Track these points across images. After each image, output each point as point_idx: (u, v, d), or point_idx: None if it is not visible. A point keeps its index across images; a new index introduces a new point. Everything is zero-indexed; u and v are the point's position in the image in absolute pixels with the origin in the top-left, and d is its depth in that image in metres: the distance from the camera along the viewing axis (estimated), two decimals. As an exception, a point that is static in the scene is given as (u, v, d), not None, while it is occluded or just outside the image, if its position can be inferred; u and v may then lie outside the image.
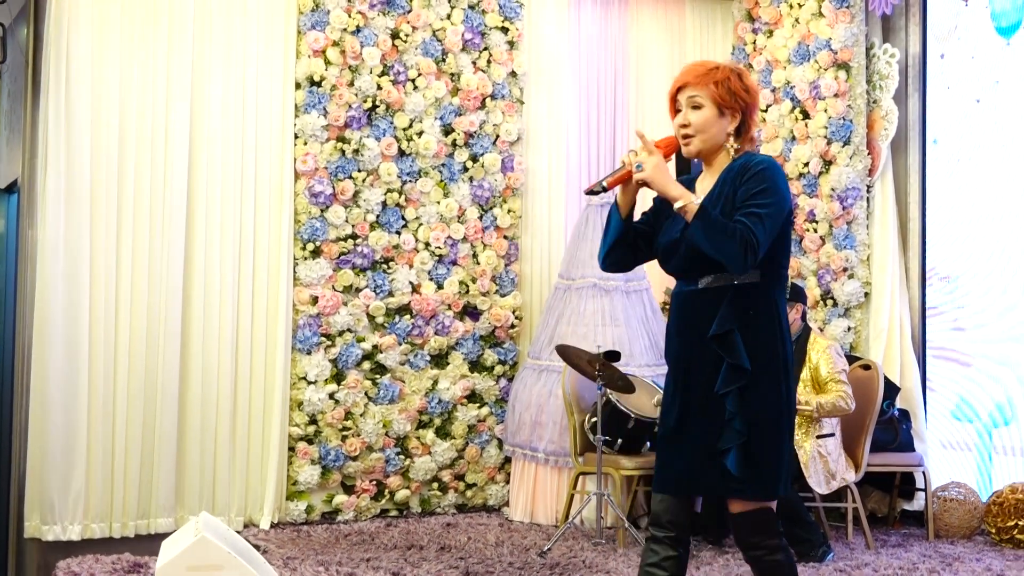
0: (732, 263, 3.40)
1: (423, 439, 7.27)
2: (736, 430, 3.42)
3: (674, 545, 3.56)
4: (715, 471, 3.46)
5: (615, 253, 3.72)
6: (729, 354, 3.45)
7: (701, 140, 3.57)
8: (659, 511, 3.59)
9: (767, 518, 3.51)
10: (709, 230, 3.39)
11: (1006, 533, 6.48)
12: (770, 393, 3.48)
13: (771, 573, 3.53)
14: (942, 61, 7.52)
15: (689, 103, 3.58)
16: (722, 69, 3.59)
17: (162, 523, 6.45)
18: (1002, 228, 7.04)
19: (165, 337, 6.48)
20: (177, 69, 6.59)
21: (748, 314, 3.48)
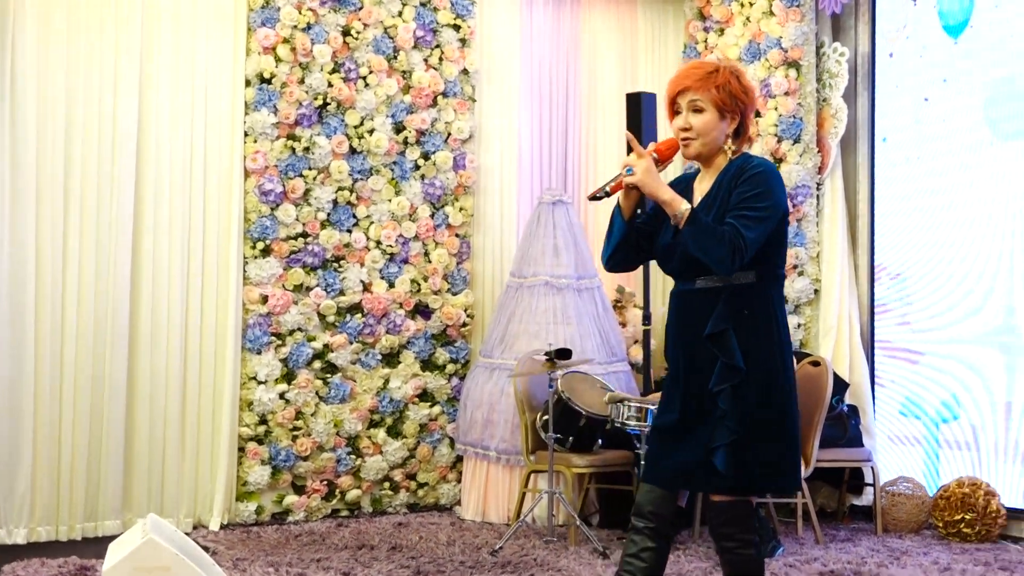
0: (719, 266, 3.46)
1: (374, 438, 7.24)
2: (728, 428, 3.47)
3: (654, 536, 3.61)
4: (706, 468, 3.51)
5: (619, 254, 3.78)
6: (723, 353, 3.51)
7: (701, 143, 3.62)
8: (642, 501, 3.64)
9: (746, 512, 3.56)
10: (698, 235, 3.45)
11: (953, 527, 6.55)
12: (765, 392, 3.52)
13: (740, 567, 3.57)
14: (891, 60, 7.58)
15: (690, 106, 3.61)
16: (722, 72, 3.63)
17: (110, 525, 6.39)
18: (950, 225, 7.10)
19: (112, 337, 6.41)
20: (125, 66, 6.52)
21: (743, 314, 3.54)
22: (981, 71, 6.96)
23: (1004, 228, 6.78)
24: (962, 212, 7.03)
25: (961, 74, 7.09)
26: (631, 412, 6.03)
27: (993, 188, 6.85)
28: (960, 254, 7.03)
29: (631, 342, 7.76)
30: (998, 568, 5.82)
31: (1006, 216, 6.77)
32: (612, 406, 6.14)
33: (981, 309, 6.87)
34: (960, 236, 7.04)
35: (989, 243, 6.86)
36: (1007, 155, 6.79)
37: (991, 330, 6.82)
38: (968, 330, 6.95)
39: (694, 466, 3.54)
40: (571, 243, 7.29)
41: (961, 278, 7.01)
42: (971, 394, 6.91)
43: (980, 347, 6.87)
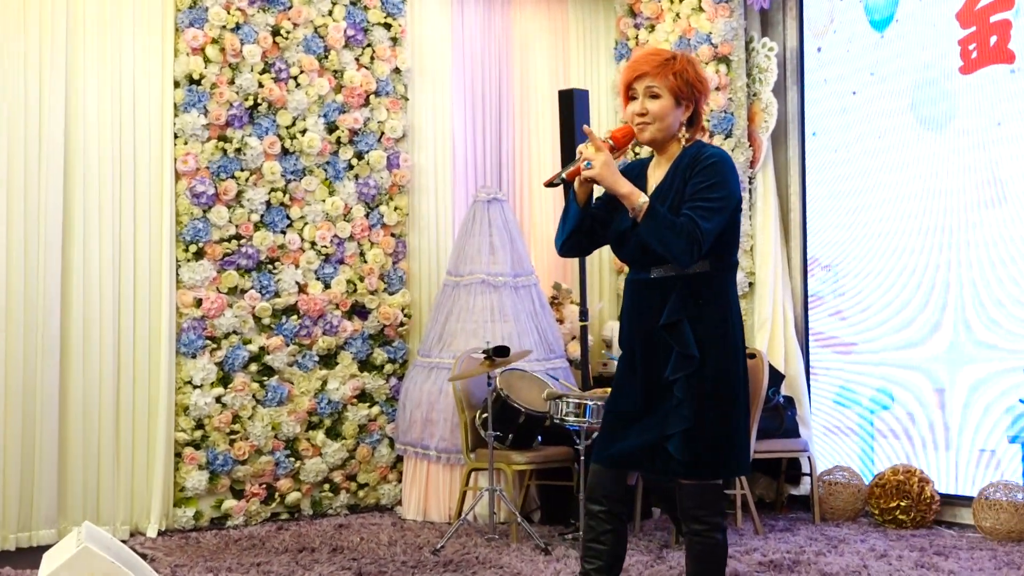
0: (678, 258, 3.49)
1: (313, 440, 7.19)
2: (683, 415, 3.52)
3: (610, 519, 3.68)
4: (662, 452, 3.56)
5: (573, 240, 3.78)
6: (678, 343, 3.55)
7: (657, 128, 3.64)
8: (593, 485, 3.70)
9: (716, 495, 3.63)
10: (657, 228, 3.47)
11: (888, 514, 6.65)
12: (719, 379, 3.58)
13: (706, 554, 3.63)
14: (819, 54, 7.68)
15: (647, 92, 3.63)
16: (679, 59, 3.65)
17: (44, 535, 6.28)
18: (879, 217, 7.21)
19: (43, 344, 6.30)
20: (49, 69, 6.40)
21: (698, 303, 3.58)
22: (907, 65, 7.06)
23: (932, 219, 6.89)
24: (891, 204, 7.14)
25: (888, 68, 7.19)
26: (570, 408, 6.03)
27: (921, 180, 6.96)
28: (890, 245, 7.13)
29: (569, 338, 7.78)
30: (933, 553, 5.91)
31: (934, 207, 6.88)
32: (551, 402, 6.15)
33: (912, 298, 6.98)
34: (890, 227, 7.14)
35: (918, 234, 6.97)
36: (935, 148, 6.90)
37: (922, 319, 6.92)
38: (899, 319, 7.05)
39: (648, 451, 3.59)
40: (507, 241, 7.29)
41: (891, 268, 7.12)
42: (903, 383, 7.02)
43: (912, 336, 6.98)
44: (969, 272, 6.68)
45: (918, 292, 6.94)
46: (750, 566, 5.63)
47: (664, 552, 5.96)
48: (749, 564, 5.67)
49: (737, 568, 5.55)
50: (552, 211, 8.20)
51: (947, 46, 6.83)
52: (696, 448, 3.54)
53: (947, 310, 6.78)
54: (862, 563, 5.66)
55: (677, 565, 5.61)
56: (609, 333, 8.02)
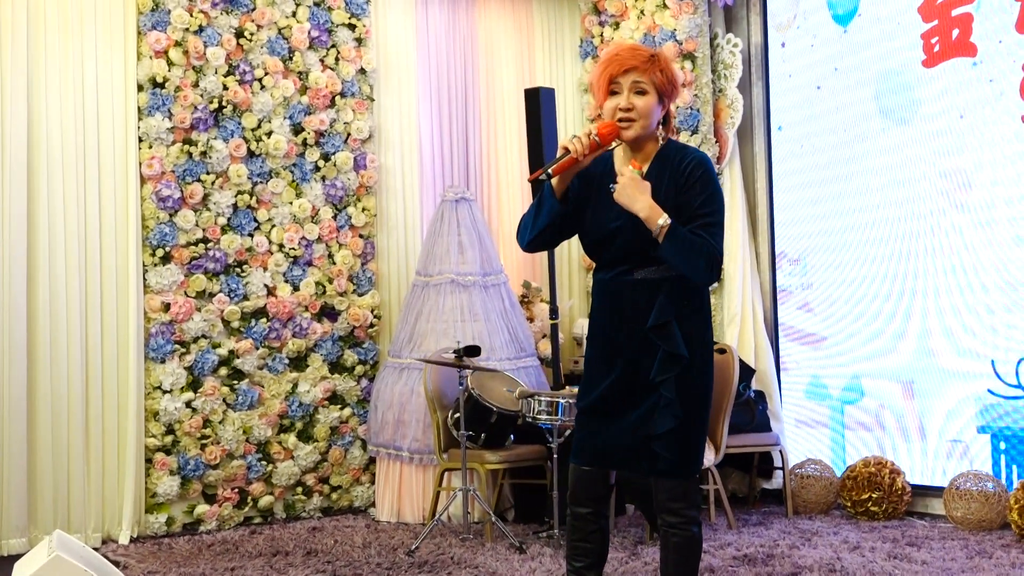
0: (700, 278, 3.53)
1: (285, 443, 7.16)
2: (673, 415, 3.55)
3: (595, 518, 3.72)
4: (646, 452, 3.59)
5: (544, 235, 3.75)
6: (667, 343, 3.57)
7: (641, 126, 3.60)
8: (576, 489, 3.73)
9: (692, 489, 3.65)
10: (679, 248, 3.47)
11: (860, 506, 6.69)
12: (700, 378, 3.63)
13: (682, 547, 3.65)
14: (783, 50, 7.71)
15: (633, 87, 3.59)
16: (661, 56, 3.64)
17: (15, 544, 6.23)
18: (846, 209, 7.25)
19: (10, 351, 6.24)
20: (10, 74, 6.34)
21: (683, 304, 3.60)
22: (871, 59, 7.11)
23: (898, 210, 6.93)
24: (857, 196, 7.18)
25: (852, 62, 7.23)
26: (542, 407, 6.04)
27: (886, 172, 7.01)
28: (857, 237, 7.18)
29: (539, 337, 7.78)
30: (905, 544, 5.95)
31: (900, 198, 6.93)
32: (523, 401, 6.15)
33: (880, 290, 7.03)
34: (856, 220, 7.18)
35: (884, 226, 7.01)
36: (899, 140, 6.94)
37: (890, 310, 6.97)
38: (868, 311, 7.09)
39: (632, 450, 3.61)
40: (475, 240, 7.28)
41: (859, 260, 7.16)
42: (873, 375, 7.06)
43: (881, 327, 7.02)
44: (936, 261, 6.73)
45: (886, 283, 6.99)
46: (724, 560, 5.65)
47: (639, 548, 5.98)
48: (723, 558, 5.69)
49: (711, 563, 5.56)
50: (520, 210, 8.20)
51: (910, 40, 6.88)
52: (681, 448, 3.58)
53: (915, 300, 6.83)
54: (835, 555, 5.69)
55: (652, 561, 5.62)
56: (580, 331, 8.02)
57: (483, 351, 6.60)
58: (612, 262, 3.69)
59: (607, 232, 3.65)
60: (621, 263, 3.66)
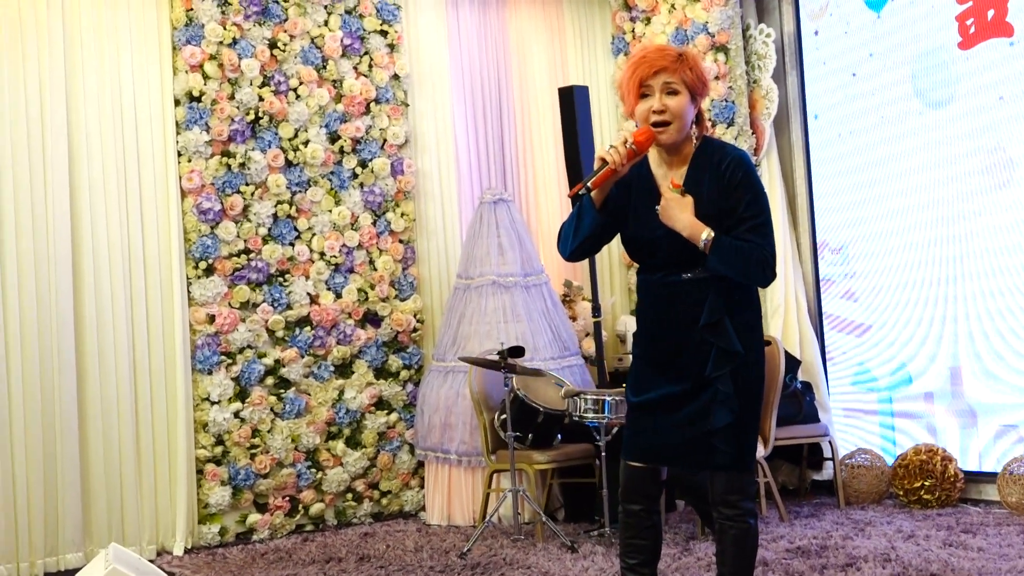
0: (755, 282, 3.57)
1: (333, 450, 7.19)
2: (730, 409, 3.56)
3: (648, 515, 3.73)
4: (705, 446, 3.59)
5: (586, 245, 3.75)
6: (721, 340, 3.56)
7: (676, 128, 3.57)
8: (628, 486, 3.73)
9: (746, 481, 3.65)
10: (727, 260, 3.49)
11: (913, 494, 6.64)
12: (754, 372, 3.64)
13: (739, 539, 3.66)
14: (816, 38, 7.67)
15: (664, 88, 3.55)
16: (689, 54, 3.62)
17: (71, 559, 6.28)
18: (885, 195, 7.20)
19: (59, 369, 6.30)
20: (50, 93, 6.40)
21: (733, 300, 3.60)
22: (906, 43, 7.05)
23: (939, 194, 6.88)
24: (897, 182, 7.13)
25: (886, 47, 7.18)
26: (588, 405, 6.03)
27: (925, 156, 6.95)
28: (898, 224, 7.12)
29: (582, 335, 7.77)
30: (960, 531, 5.89)
31: (940, 182, 6.87)
32: (569, 400, 6.14)
33: (923, 276, 6.97)
34: (896, 206, 7.13)
35: (925, 210, 6.96)
36: (937, 123, 6.88)
37: (934, 295, 6.91)
38: (912, 297, 7.04)
39: (688, 446, 3.61)
40: (515, 241, 7.29)
41: (901, 246, 7.11)
42: (920, 361, 7.00)
43: (925, 313, 6.96)
44: (980, 243, 6.66)
45: (929, 268, 6.93)
46: (778, 553, 5.62)
47: (691, 543, 5.95)
48: (776, 551, 5.66)
49: (765, 556, 5.54)
50: (558, 209, 8.20)
51: (945, 22, 6.82)
52: (739, 441, 3.59)
53: (960, 283, 6.77)
54: (889, 545, 5.65)
55: (704, 556, 5.60)
56: (623, 328, 8.01)
57: (527, 351, 6.60)
58: (658, 266, 3.68)
59: (652, 239, 3.64)
60: (668, 267, 3.65)
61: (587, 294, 7.88)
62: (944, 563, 5.18)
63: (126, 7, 6.73)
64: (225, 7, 6.97)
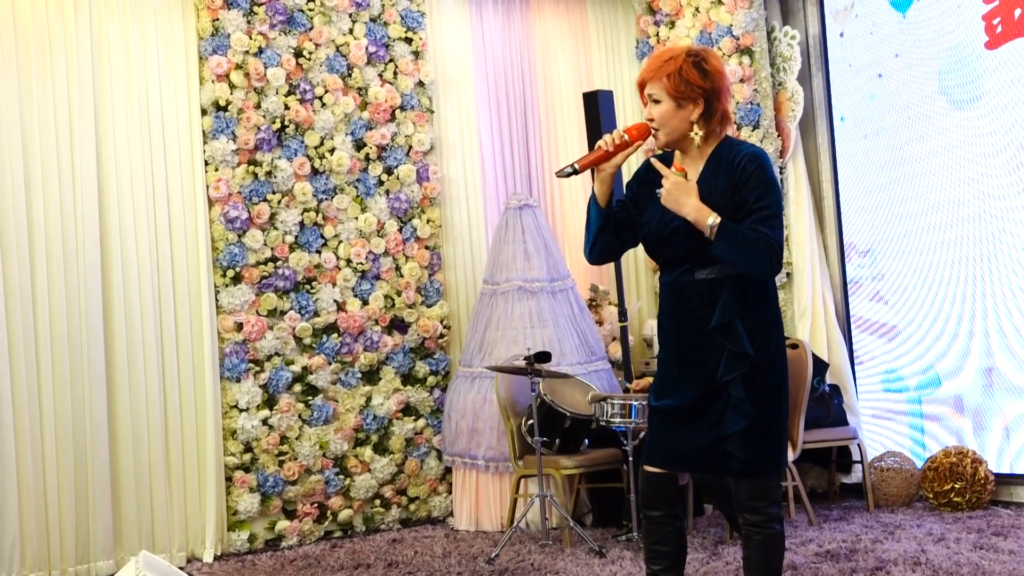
0: (761, 272, 3.55)
1: (361, 457, 7.21)
2: (743, 414, 3.55)
3: (670, 520, 3.73)
4: (720, 452, 3.58)
5: (601, 243, 3.84)
6: (731, 342, 3.57)
7: (665, 133, 3.69)
8: (648, 492, 3.74)
9: (769, 484, 3.65)
10: (734, 246, 3.50)
11: (943, 497, 6.59)
12: (771, 375, 3.61)
13: (765, 545, 3.65)
14: (842, 39, 7.64)
15: (650, 99, 3.69)
16: (675, 60, 3.65)
17: (102, 566, 6.33)
18: (911, 197, 7.16)
19: (90, 377, 6.35)
20: (79, 103, 6.46)
21: (747, 301, 3.60)
22: (931, 42, 7.02)
23: (966, 194, 6.84)
24: (924, 183, 7.09)
25: (912, 47, 7.15)
26: (615, 410, 6.03)
27: (952, 156, 6.92)
28: (925, 224, 7.08)
29: (609, 340, 7.76)
30: (991, 534, 5.85)
31: (967, 181, 6.83)
32: (595, 405, 6.14)
33: (951, 277, 6.93)
34: (924, 207, 7.09)
35: (952, 210, 6.92)
36: (963, 122, 6.85)
37: (962, 297, 6.87)
38: (940, 299, 7.00)
39: (705, 451, 3.61)
40: (541, 246, 7.29)
41: (928, 248, 7.07)
42: (949, 363, 6.96)
43: (954, 314, 6.92)
44: (1008, 242, 6.61)
45: (958, 268, 6.89)
46: (807, 557, 5.60)
47: (719, 548, 5.94)
48: (805, 555, 5.64)
49: (794, 560, 5.52)
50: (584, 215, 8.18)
51: (971, 21, 6.78)
52: (755, 447, 3.56)
53: (989, 284, 6.72)
54: (920, 548, 5.62)
55: (733, 560, 5.59)
56: (649, 332, 8.00)
57: (553, 356, 6.61)
58: (673, 263, 3.70)
59: (665, 233, 3.67)
60: (682, 263, 3.67)
61: (613, 299, 7.87)
62: (975, 566, 5.14)
63: (153, 17, 6.79)
64: (251, 16, 7.01)
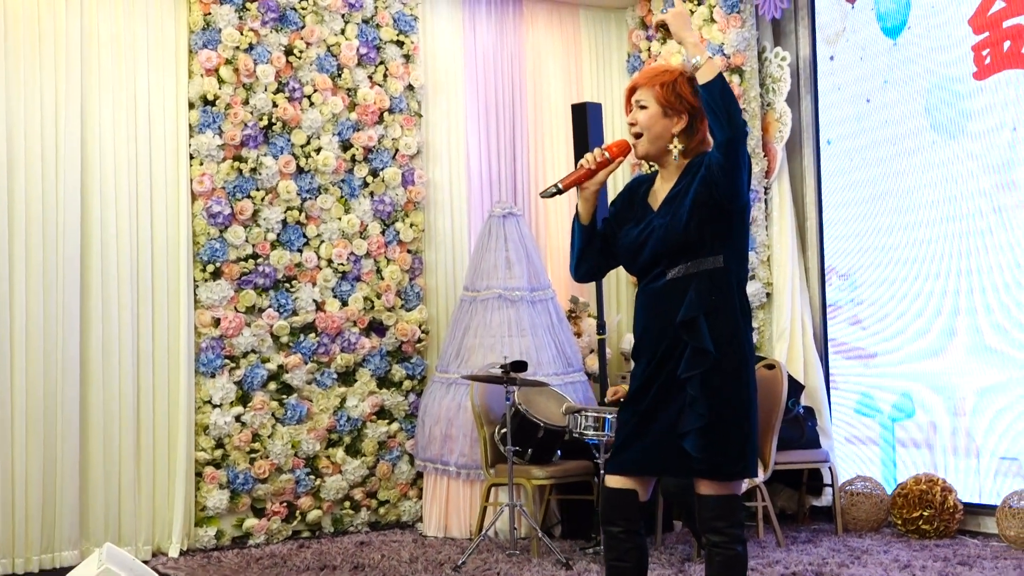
0: (736, 129, 3.47)
1: (333, 458, 7.20)
2: (698, 413, 3.51)
3: (630, 537, 3.68)
4: (679, 452, 3.55)
5: (586, 261, 3.85)
6: (694, 338, 3.55)
7: (647, 140, 3.70)
8: (607, 509, 3.70)
9: (732, 505, 3.61)
10: (727, 92, 3.50)
11: (912, 524, 6.60)
12: (734, 376, 3.58)
13: (726, 566, 3.61)
14: (832, 63, 7.66)
15: (637, 104, 3.72)
16: (671, 72, 3.71)
17: (67, 556, 6.31)
18: (896, 225, 7.18)
19: (63, 364, 6.33)
20: (65, 91, 6.45)
21: (712, 300, 3.58)
22: (921, 72, 7.04)
23: (949, 226, 6.86)
24: (907, 211, 7.11)
25: (901, 75, 7.17)
26: (588, 422, 6.03)
27: (937, 187, 6.93)
28: (907, 253, 7.10)
29: (587, 352, 7.77)
30: (957, 563, 5.87)
31: (951, 214, 6.85)
32: (569, 417, 6.14)
33: (930, 306, 6.95)
34: (906, 235, 7.11)
35: (935, 241, 6.94)
36: (950, 154, 6.87)
37: (941, 326, 6.89)
38: (919, 326, 7.01)
39: (663, 450, 3.57)
40: (523, 255, 7.30)
41: (909, 276, 7.08)
42: (924, 391, 6.98)
43: (931, 343, 6.94)
44: (988, 277, 6.64)
45: (936, 299, 6.91)
46: (772, 578, 5.61)
47: (686, 566, 5.94)
48: (771, 576, 5.65)
49: (759, 580, 5.53)
50: (567, 226, 8.19)
51: (960, 52, 6.81)
52: (715, 447, 3.52)
53: (967, 317, 6.74)
54: (885, 574, 5.63)
55: (699, 578, 5.59)
56: (627, 346, 8.00)
57: (530, 366, 6.61)
58: (645, 268, 3.70)
59: (638, 241, 3.68)
60: (653, 267, 3.67)
61: (593, 311, 7.88)
62: (938, 595, 5.16)
63: (144, 9, 6.78)
64: (243, 13, 7.00)
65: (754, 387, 3.66)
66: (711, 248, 3.58)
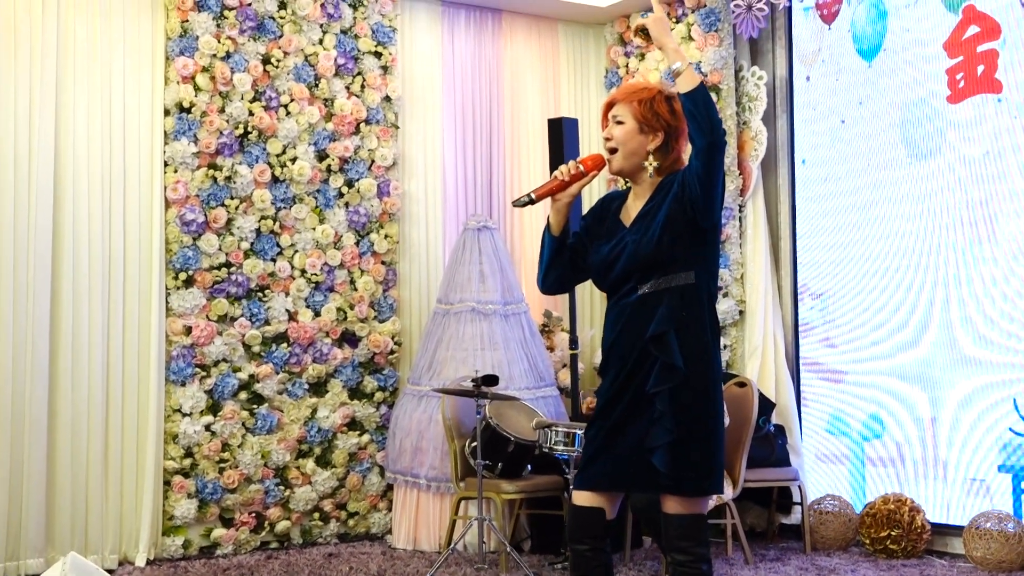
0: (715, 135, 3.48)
1: (303, 469, 7.17)
2: (666, 428, 3.50)
3: (597, 555, 3.66)
4: (647, 468, 3.54)
5: (553, 272, 3.83)
6: (663, 353, 3.54)
7: (622, 155, 3.71)
8: (574, 527, 3.68)
9: (698, 524, 3.60)
10: (697, 99, 3.50)
11: (879, 543, 6.62)
12: (703, 392, 3.57)
13: None
14: (808, 83, 7.70)
15: (614, 119, 3.74)
16: (649, 89, 3.73)
17: (32, 564, 6.25)
18: (869, 245, 7.21)
19: (32, 370, 6.29)
20: (40, 95, 6.42)
21: (683, 315, 3.58)
22: (895, 93, 7.09)
23: (922, 246, 6.90)
24: (880, 231, 7.15)
25: (876, 96, 7.22)
26: (559, 437, 6.02)
27: (910, 207, 6.98)
28: (879, 273, 7.14)
29: (559, 366, 7.77)
30: (924, 582, 5.89)
31: (923, 234, 6.89)
32: (540, 431, 6.13)
33: (901, 326, 6.98)
34: (879, 255, 7.15)
35: (907, 261, 6.97)
36: (922, 174, 6.91)
37: (912, 347, 6.92)
38: (889, 347, 7.05)
39: (631, 465, 3.56)
40: (497, 269, 7.29)
41: (881, 296, 7.12)
42: (894, 411, 7.01)
43: (902, 364, 6.97)
44: (960, 297, 6.68)
45: (907, 319, 6.94)
46: (740, 596, 5.61)
47: (654, 582, 5.95)
48: (739, 594, 5.65)
49: (727, 598, 5.53)
50: (543, 239, 8.20)
51: (935, 75, 6.86)
52: (682, 463, 3.51)
53: (940, 335, 6.78)
54: (852, 593, 5.64)
55: (667, 595, 5.58)
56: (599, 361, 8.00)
57: (502, 380, 6.60)
58: (616, 284, 3.70)
59: (610, 257, 3.68)
60: (624, 283, 3.66)
61: (566, 326, 7.88)
62: (904, 615, 5.18)
63: (121, 15, 6.76)
64: (220, 20, 6.99)
65: (722, 404, 3.66)
66: (683, 264, 3.59)
